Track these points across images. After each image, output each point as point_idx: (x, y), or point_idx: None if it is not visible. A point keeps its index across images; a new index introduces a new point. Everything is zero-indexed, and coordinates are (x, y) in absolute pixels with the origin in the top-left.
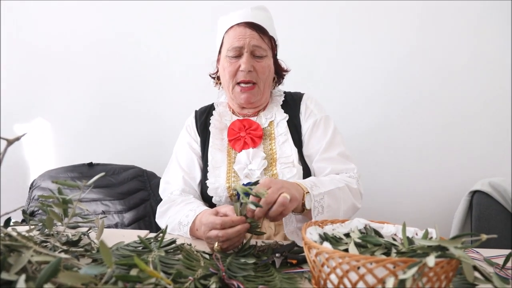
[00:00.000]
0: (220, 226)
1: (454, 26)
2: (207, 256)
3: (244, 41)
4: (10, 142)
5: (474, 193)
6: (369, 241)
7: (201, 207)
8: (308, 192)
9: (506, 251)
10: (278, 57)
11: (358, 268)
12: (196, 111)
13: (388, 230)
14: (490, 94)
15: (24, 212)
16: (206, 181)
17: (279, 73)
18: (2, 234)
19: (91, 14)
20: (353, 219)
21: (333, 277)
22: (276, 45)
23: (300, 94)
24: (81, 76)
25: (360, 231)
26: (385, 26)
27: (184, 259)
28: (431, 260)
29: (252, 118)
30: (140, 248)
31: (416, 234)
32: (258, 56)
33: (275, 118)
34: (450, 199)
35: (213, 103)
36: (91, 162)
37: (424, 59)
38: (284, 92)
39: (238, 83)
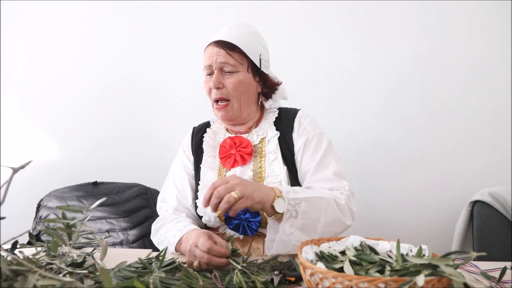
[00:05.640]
0: (207, 250)
1: (456, 39)
2: (207, 275)
3: (212, 59)
4: (15, 170)
5: (475, 203)
6: (364, 259)
7: (188, 226)
8: (280, 196)
9: (505, 264)
10: (278, 69)
11: (351, 287)
12: (194, 128)
13: (384, 247)
14: (489, 103)
15: (30, 235)
16: (196, 201)
17: (270, 87)
18: (9, 258)
19: (97, 38)
20: (349, 237)
21: None
22: (260, 59)
23: (295, 111)
24: (86, 97)
25: (355, 248)
26: (384, 39)
27: (185, 277)
28: (420, 280)
29: (243, 135)
30: (142, 268)
31: (411, 250)
32: (227, 72)
33: (266, 135)
34: (450, 209)
35: (209, 121)
36: (96, 181)
37: (421, 71)
38: (280, 108)
39: (216, 101)
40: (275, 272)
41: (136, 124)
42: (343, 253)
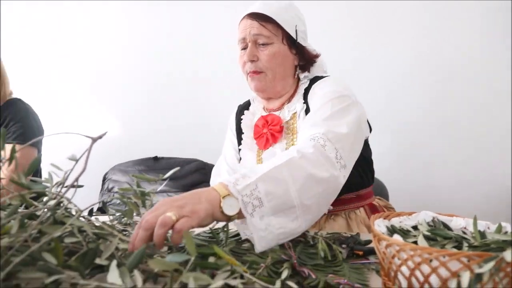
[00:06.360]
0: None
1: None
2: (276, 246)
3: (245, 32)
4: (94, 140)
5: None
6: (439, 234)
7: None
8: (227, 195)
9: None
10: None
11: (431, 261)
12: (238, 107)
13: (458, 223)
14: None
15: (104, 204)
16: None
17: (308, 59)
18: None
19: (155, 21)
20: (420, 212)
21: (404, 269)
22: (296, 31)
23: (321, 77)
24: (145, 78)
25: (428, 224)
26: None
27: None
28: (508, 255)
29: (276, 113)
30: (210, 238)
31: (488, 228)
32: (261, 44)
33: (297, 110)
34: None
35: (249, 99)
36: (156, 156)
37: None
38: (313, 78)
39: (249, 74)
40: (343, 246)
41: (194, 103)
42: (414, 228)
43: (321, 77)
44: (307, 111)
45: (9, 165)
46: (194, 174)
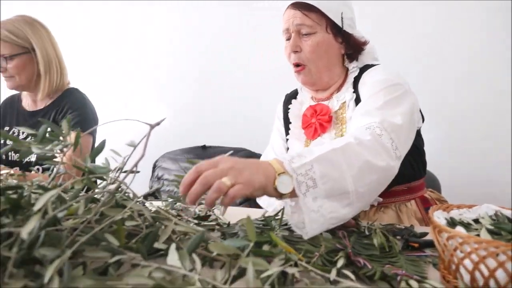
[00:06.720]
0: None
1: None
2: (329, 235)
3: (289, 22)
4: (152, 127)
5: None
6: (503, 228)
7: None
8: (282, 173)
9: None
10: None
11: (497, 255)
12: (286, 96)
13: None
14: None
15: (158, 191)
16: None
17: (355, 47)
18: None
19: (207, 15)
20: (481, 205)
21: (467, 262)
22: (342, 18)
23: (370, 65)
24: (196, 69)
25: (490, 217)
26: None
27: None
28: None
29: (324, 102)
30: (262, 225)
31: None
32: (304, 34)
33: (347, 99)
34: None
35: (296, 88)
36: (205, 145)
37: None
38: (363, 66)
39: (295, 65)
40: (397, 237)
41: (243, 93)
42: (475, 221)
43: (371, 66)
44: (357, 100)
45: (73, 151)
46: None
